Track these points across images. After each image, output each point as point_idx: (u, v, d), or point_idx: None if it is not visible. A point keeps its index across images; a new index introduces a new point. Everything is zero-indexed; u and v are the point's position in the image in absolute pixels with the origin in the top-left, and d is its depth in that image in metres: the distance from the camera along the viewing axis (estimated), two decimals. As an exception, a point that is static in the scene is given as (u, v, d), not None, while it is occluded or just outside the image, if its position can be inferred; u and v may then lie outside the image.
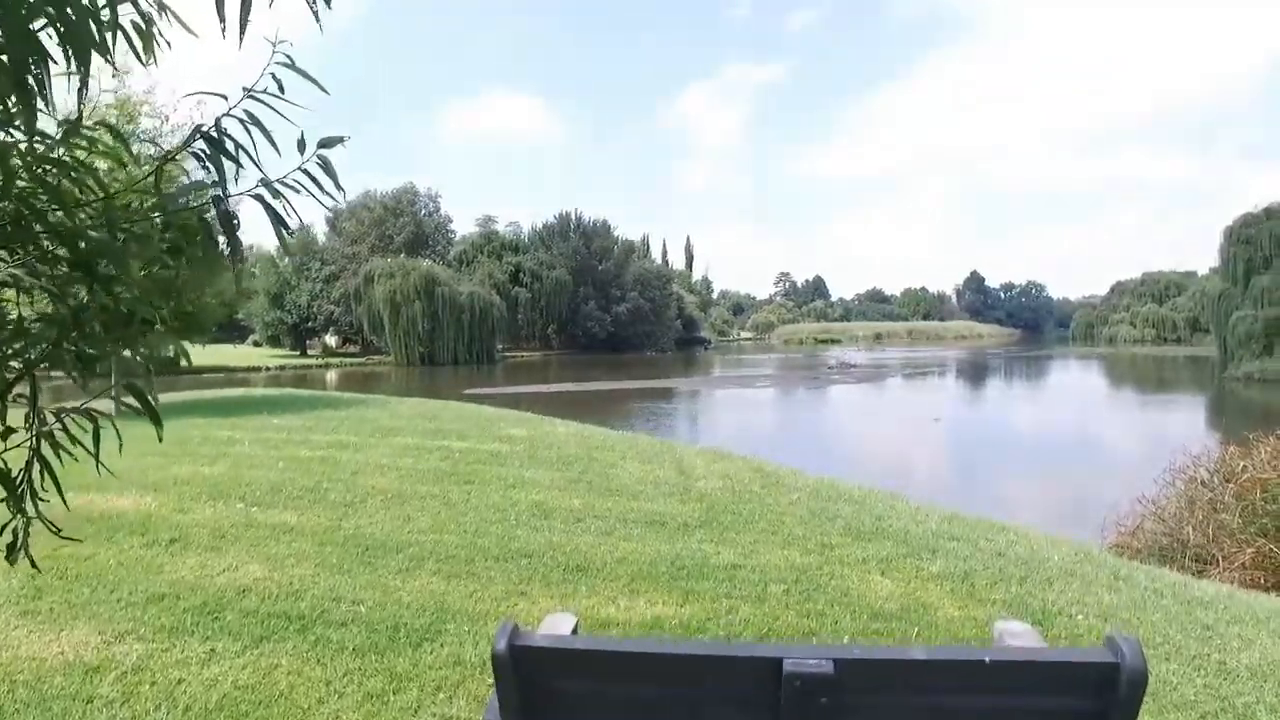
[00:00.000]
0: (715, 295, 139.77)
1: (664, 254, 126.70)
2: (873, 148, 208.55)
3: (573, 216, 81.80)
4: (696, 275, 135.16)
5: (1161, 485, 8.30)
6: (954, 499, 12.34)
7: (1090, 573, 4.44)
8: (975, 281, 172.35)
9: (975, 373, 51.27)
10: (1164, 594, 4.11)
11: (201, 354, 55.68)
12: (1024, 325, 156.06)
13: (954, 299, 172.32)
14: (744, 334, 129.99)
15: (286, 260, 66.42)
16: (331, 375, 50.51)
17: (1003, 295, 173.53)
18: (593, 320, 75.66)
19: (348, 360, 60.95)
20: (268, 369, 52.44)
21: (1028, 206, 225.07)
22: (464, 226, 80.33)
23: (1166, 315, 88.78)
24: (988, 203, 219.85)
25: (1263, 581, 6.00)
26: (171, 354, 1.46)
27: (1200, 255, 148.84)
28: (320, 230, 71.74)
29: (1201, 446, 9.59)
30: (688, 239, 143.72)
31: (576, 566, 4.34)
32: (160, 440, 1.45)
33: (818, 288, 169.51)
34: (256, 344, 70.97)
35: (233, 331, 77.10)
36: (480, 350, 60.34)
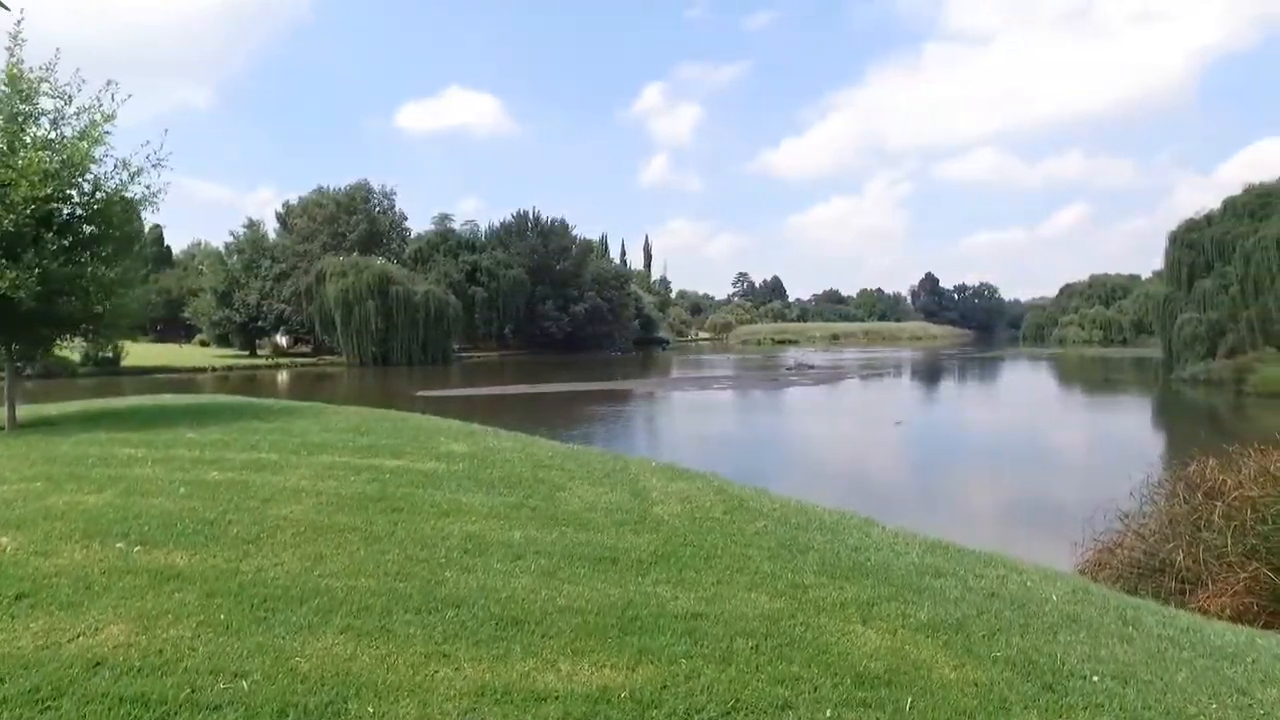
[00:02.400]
0: (673, 295, 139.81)
1: (623, 254, 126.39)
2: (828, 149, 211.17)
3: (530, 215, 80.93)
4: (655, 275, 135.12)
5: (1140, 500, 7.99)
6: (921, 510, 12.03)
7: (1095, 617, 3.96)
8: (930, 283, 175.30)
9: (932, 374, 51.72)
10: (1181, 644, 3.65)
11: (146, 354, 53.56)
12: (977, 326, 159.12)
13: (909, 300, 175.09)
14: (702, 334, 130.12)
15: (235, 259, 64.37)
16: (282, 376, 48.92)
17: (956, 297, 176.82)
18: (550, 320, 74.81)
19: (299, 360, 59.17)
20: (214, 369, 50.55)
21: (980, 209, 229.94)
22: (420, 225, 78.90)
23: (1113, 317, 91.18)
24: (942, 205, 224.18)
25: (1254, 609, 5.64)
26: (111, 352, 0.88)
27: (1143, 259, 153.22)
28: (271, 227, 69.73)
29: (1174, 458, 9.38)
30: (646, 239, 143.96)
31: (512, 619, 3.71)
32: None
33: (775, 288, 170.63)
34: (204, 344, 68.66)
35: (179, 330, 74.48)
36: (435, 350, 59.16)
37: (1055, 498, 13.67)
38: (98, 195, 8.86)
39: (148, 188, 9.10)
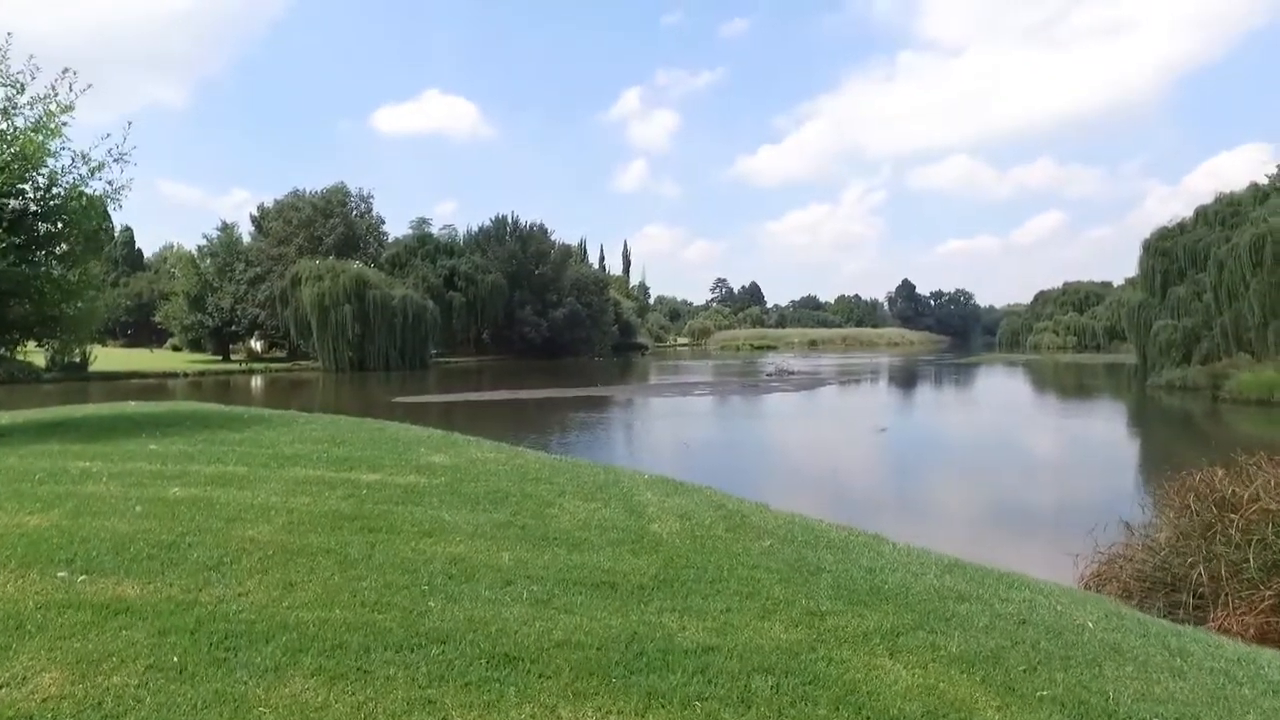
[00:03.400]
0: (652, 301, 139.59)
1: (601, 259, 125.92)
2: (805, 156, 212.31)
3: (509, 220, 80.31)
4: (634, 280, 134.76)
5: (1143, 511, 7.77)
6: (913, 518, 11.78)
7: (1139, 647, 3.65)
8: (906, 289, 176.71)
9: (912, 380, 51.85)
10: (1238, 678, 3.35)
11: (115, 359, 52.24)
12: (953, 332, 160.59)
13: (886, 306, 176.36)
14: (681, 340, 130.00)
15: (208, 262, 63.18)
16: (256, 382, 47.90)
17: (932, 303, 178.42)
18: (529, 325, 74.19)
19: (273, 365, 58.03)
20: (186, 374, 49.35)
21: (955, 216, 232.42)
22: (398, 229, 78.00)
23: (1087, 323, 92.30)
24: (917, 212, 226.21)
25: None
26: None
27: (1115, 266, 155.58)
28: (245, 230, 68.53)
29: (1163, 465, 9.18)
30: (625, 244, 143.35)
31: (504, 656, 3.33)
32: None
33: (754, 294, 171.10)
34: (176, 348, 67.31)
35: (150, 335, 72.95)
36: (413, 356, 58.34)
37: (1046, 505, 13.50)
38: (54, 191, 8.35)
39: (109, 184, 8.60)
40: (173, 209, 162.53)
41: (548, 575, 4.31)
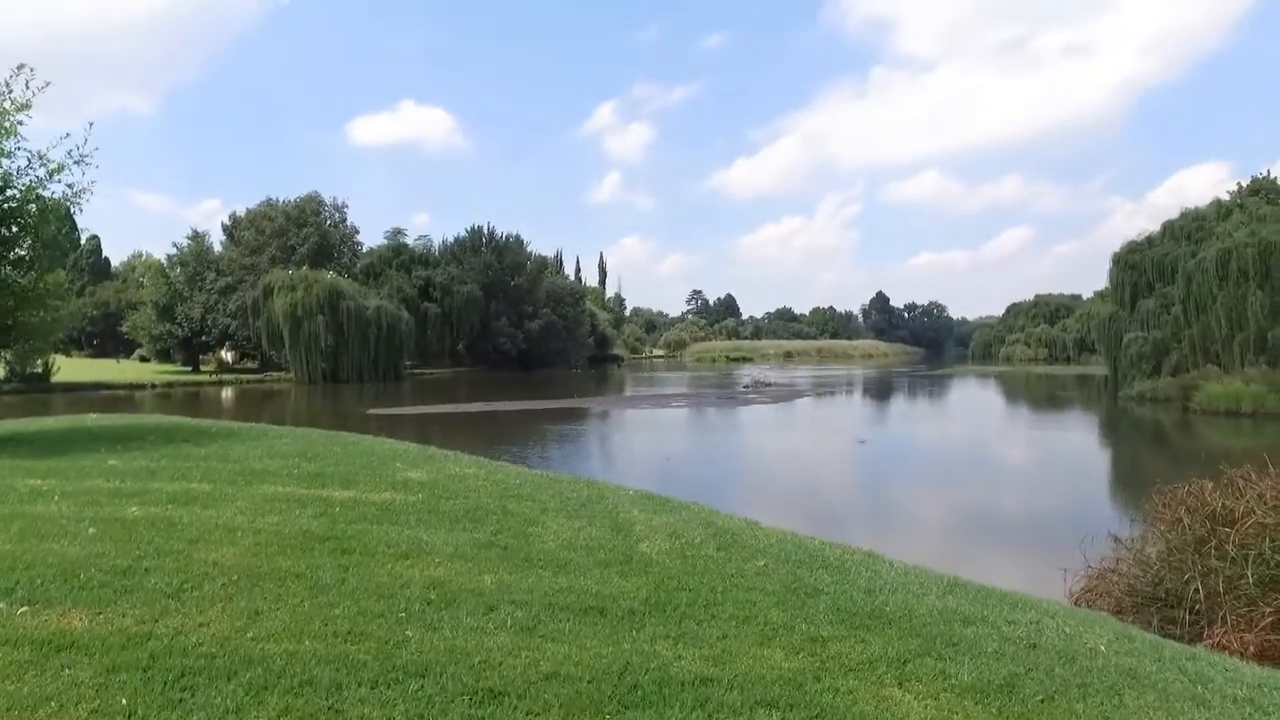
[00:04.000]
0: (628, 312, 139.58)
1: (577, 270, 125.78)
2: (779, 170, 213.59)
3: (485, 231, 79.94)
4: (609, 292, 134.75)
5: (1131, 524, 7.69)
6: (903, 533, 11.65)
7: (1156, 673, 3.49)
8: (880, 301, 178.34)
9: (888, 392, 52.14)
10: (1265, 707, 3.19)
11: (79, 369, 50.91)
12: (926, 344, 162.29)
13: (860, 318, 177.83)
14: (656, 351, 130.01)
15: (178, 271, 62.04)
16: (226, 393, 46.94)
17: (906, 315, 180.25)
18: (504, 336, 73.72)
19: (244, 377, 56.97)
20: (153, 386, 48.21)
21: (926, 230, 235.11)
22: (372, 239, 77.10)
23: (1057, 336, 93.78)
24: (890, 225, 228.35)
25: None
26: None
27: (1083, 280, 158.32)
28: (217, 239, 67.43)
29: (1143, 476, 9.15)
30: (601, 256, 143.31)
31: (488, 691, 3.08)
32: None
33: (729, 306, 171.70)
34: (144, 359, 65.86)
35: (117, 345, 71.37)
36: (387, 367, 57.64)
37: (1030, 518, 13.46)
38: (9, 193, 7.96)
39: (70, 186, 8.23)
40: (141, 218, 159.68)
41: (532, 600, 4.07)
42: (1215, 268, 37.00)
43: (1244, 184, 48.49)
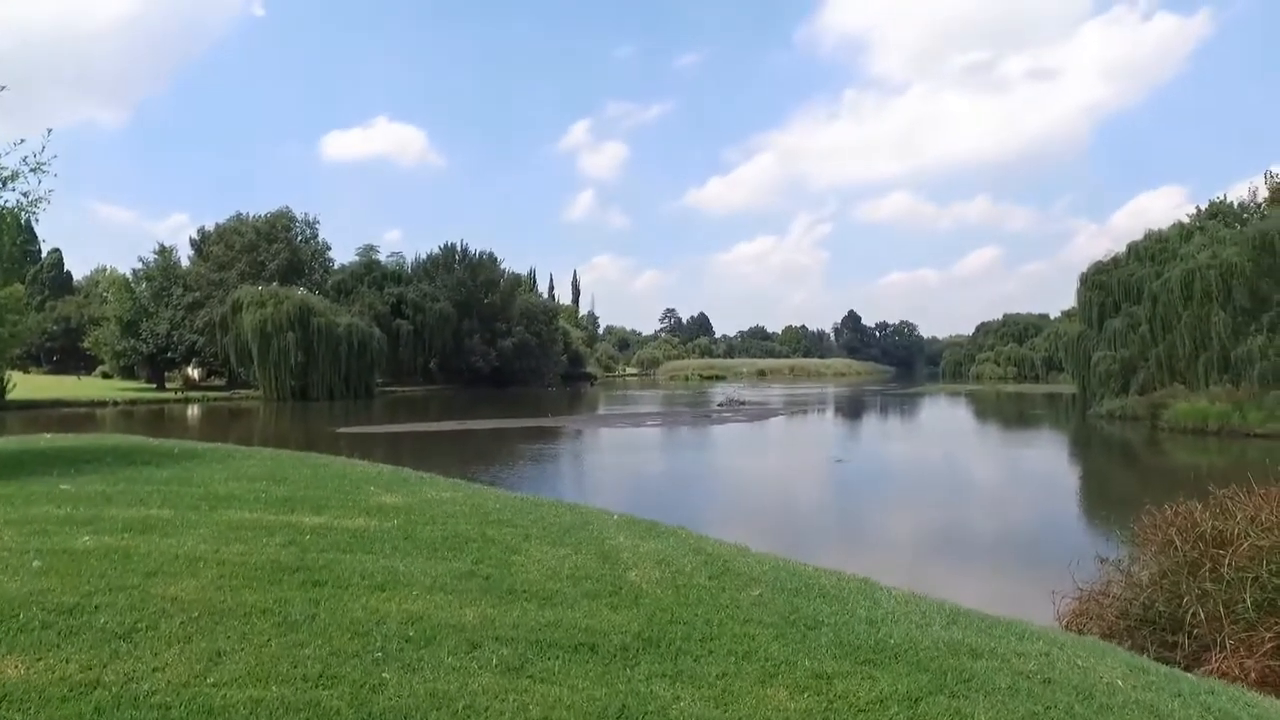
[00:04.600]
0: (601, 330, 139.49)
1: (551, 288, 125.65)
2: (752, 189, 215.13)
3: (458, 248, 79.58)
4: (583, 310, 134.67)
5: (1122, 547, 7.61)
6: (888, 555, 11.50)
7: (1178, 711, 3.32)
8: (852, 320, 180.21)
9: (862, 411, 52.40)
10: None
11: (38, 386, 49.41)
12: (897, 363, 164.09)
13: (832, 337, 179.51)
14: (630, 370, 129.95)
15: (144, 286, 60.78)
16: (193, 411, 45.88)
17: (878, 334, 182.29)
18: (477, 354, 73.17)
19: (211, 395, 55.79)
20: (115, 403, 46.95)
21: (898, 249, 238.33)
22: (344, 255, 76.28)
23: (1026, 354, 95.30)
24: (862, 245, 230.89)
25: (1281, 672, 5.17)
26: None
27: (1050, 299, 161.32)
28: (184, 254, 66.26)
29: (1122, 495, 9.11)
30: (575, 274, 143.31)
31: (474, 741, 2.83)
32: None
33: (702, 324, 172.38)
34: (106, 375, 64.28)
35: (78, 362, 69.57)
36: (358, 385, 56.89)
37: (1013, 538, 13.42)
38: (-44, 202, 7.59)
39: (25, 195, 7.87)
40: (106, 232, 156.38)
41: (518, 636, 3.81)
42: (1180, 288, 37.78)
43: (1202, 207, 49.94)
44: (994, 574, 11.03)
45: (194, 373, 65.37)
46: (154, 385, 59.30)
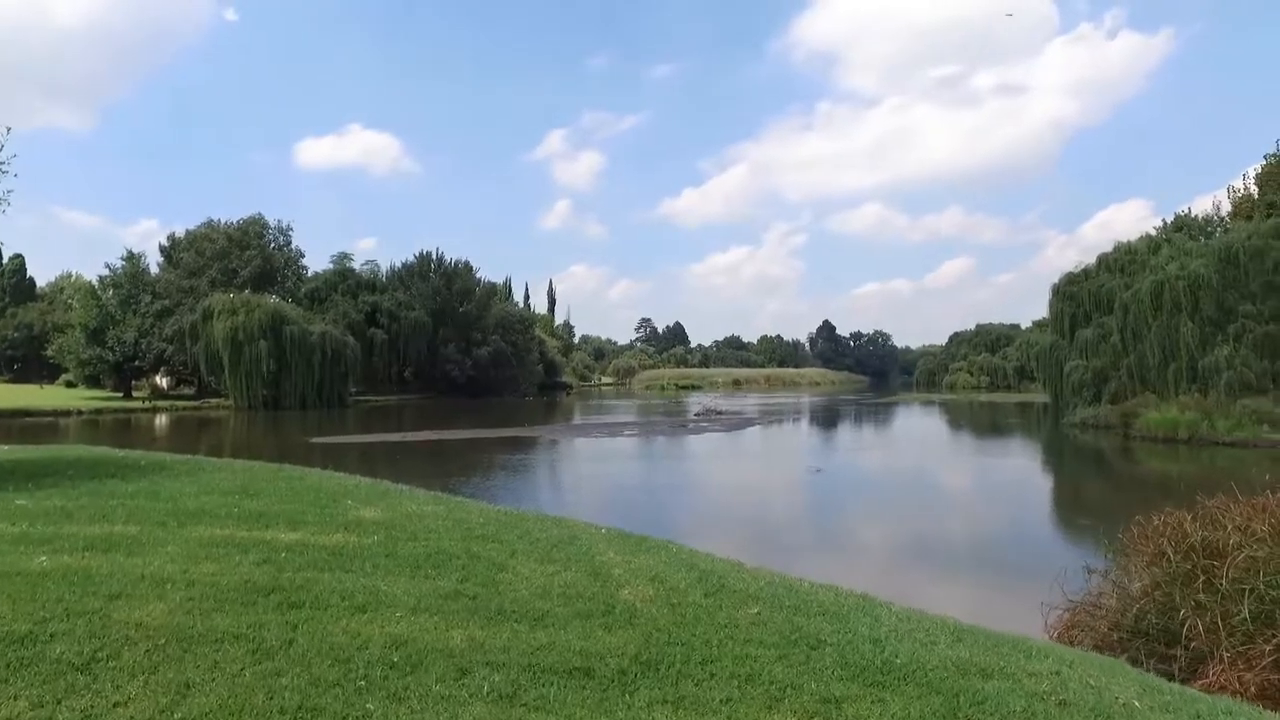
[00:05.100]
0: (577, 340, 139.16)
1: (526, 297, 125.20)
2: (727, 199, 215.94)
3: (434, 256, 79.05)
4: (559, 319, 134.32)
5: (1118, 558, 7.54)
6: (876, 566, 11.40)
7: (1201, 735, 3.20)
8: (827, 330, 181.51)
9: (838, 420, 52.57)
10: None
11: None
12: (872, 372, 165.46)
13: (807, 346, 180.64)
14: (605, 379, 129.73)
15: (111, 293, 59.51)
16: (161, 420, 44.84)
17: (852, 344, 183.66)
18: (452, 363, 72.50)
19: (180, 403, 54.63)
20: (80, 412, 45.74)
21: (872, 260, 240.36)
22: (318, 263, 75.44)
23: (998, 364, 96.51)
24: (836, 255, 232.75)
25: (1281, 686, 5.09)
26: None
27: (1021, 309, 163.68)
28: (154, 260, 65.02)
29: (1101, 503, 9.09)
30: (550, 283, 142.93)
31: (467, 780, 2.62)
32: None
33: (677, 334, 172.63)
34: (70, 384, 62.78)
35: (40, 370, 67.90)
36: (331, 394, 56.06)
37: (993, 545, 13.37)
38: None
39: (-18, 196, 7.53)
40: (72, 238, 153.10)
41: (509, 660, 3.60)
42: (1150, 299, 38.39)
43: (1168, 220, 51.08)
44: (977, 584, 10.96)
45: (162, 381, 64.11)
46: (121, 394, 58.04)
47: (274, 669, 3.38)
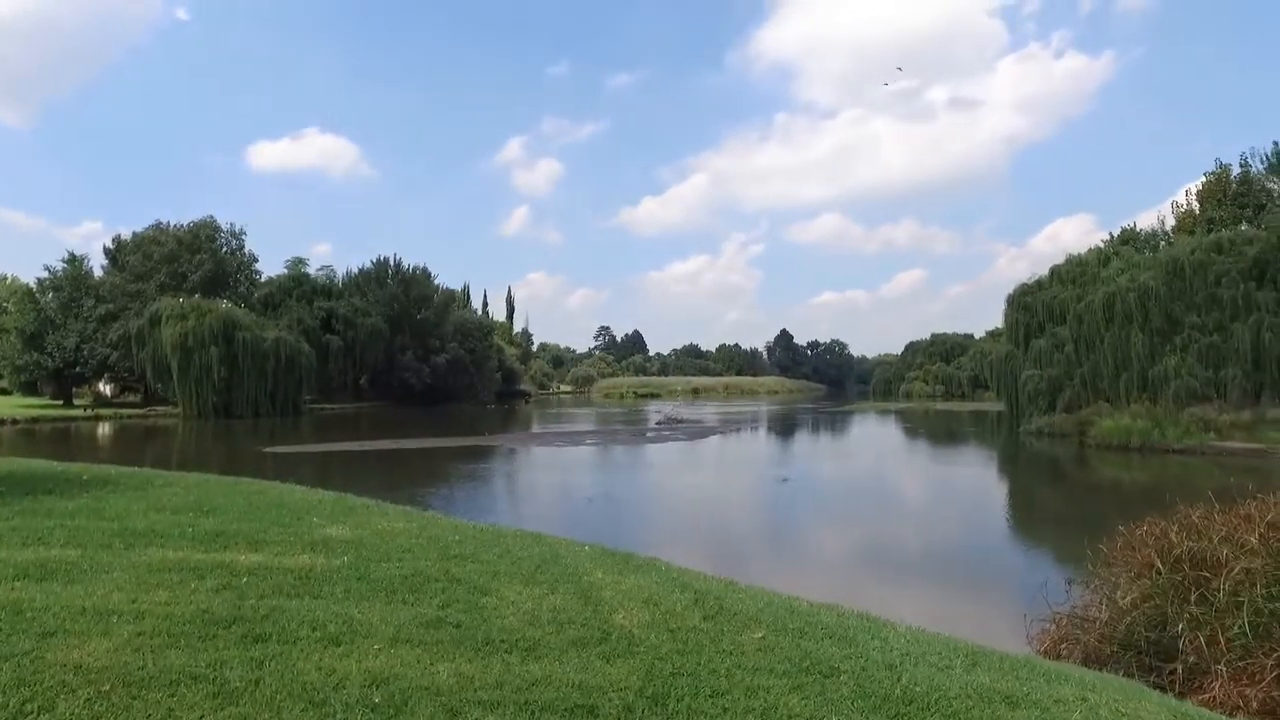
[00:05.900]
0: (535, 347, 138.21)
1: (485, 305, 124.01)
2: (686, 209, 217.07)
3: (391, 262, 77.81)
4: (517, 327, 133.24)
5: (1100, 570, 7.48)
6: (859, 579, 11.24)
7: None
8: (784, 339, 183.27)
9: (798, 429, 52.86)
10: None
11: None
12: (829, 381, 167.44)
13: (765, 355, 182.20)
14: (564, 387, 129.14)
15: (50, 296, 57.19)
16: (104, 429, 43.06)
17: (809, 353, 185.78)
18: (410, 371, 71.35)
19: (125, 411, 52.66)
20: (15, 421, 43.72)
21: (828, 270, 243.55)
22: (272, 268, 73.55)
23: (953, 373, 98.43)
24: (793, 265, 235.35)
25: (1283, 702, 4.99)
26: None
27: (974, 320, 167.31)
28: (98, 263, 62.73)
29: (1072, 511, 9.08)
30: (509, 290, 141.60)
31: (469, 847, 2.30)
32: None
33: (636, 342, 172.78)
34: (4, 392, 60.10)
35: (-32, 376, 64.96)
36: (285, 402, 54.65)
37: (969, 555, 13.35)
38: None
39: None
40: (11, 239, 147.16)
41: (503, 698, 3.27)
42: (1102, 310, 39.37)
43: (1115, 234, 52.77)
44: (952, 594, 10.89)
45: (106, 389, 61.86)
46: (60, 402, 55.75)
47: (239, 715, 3.00)
